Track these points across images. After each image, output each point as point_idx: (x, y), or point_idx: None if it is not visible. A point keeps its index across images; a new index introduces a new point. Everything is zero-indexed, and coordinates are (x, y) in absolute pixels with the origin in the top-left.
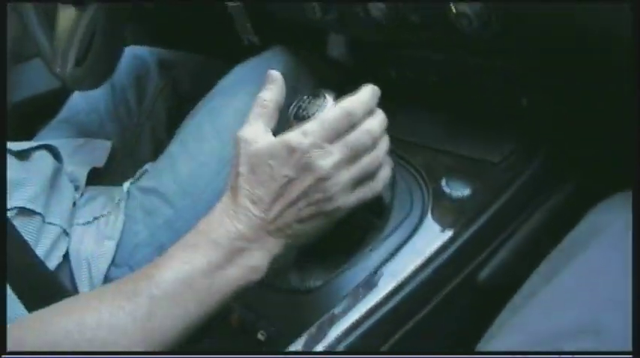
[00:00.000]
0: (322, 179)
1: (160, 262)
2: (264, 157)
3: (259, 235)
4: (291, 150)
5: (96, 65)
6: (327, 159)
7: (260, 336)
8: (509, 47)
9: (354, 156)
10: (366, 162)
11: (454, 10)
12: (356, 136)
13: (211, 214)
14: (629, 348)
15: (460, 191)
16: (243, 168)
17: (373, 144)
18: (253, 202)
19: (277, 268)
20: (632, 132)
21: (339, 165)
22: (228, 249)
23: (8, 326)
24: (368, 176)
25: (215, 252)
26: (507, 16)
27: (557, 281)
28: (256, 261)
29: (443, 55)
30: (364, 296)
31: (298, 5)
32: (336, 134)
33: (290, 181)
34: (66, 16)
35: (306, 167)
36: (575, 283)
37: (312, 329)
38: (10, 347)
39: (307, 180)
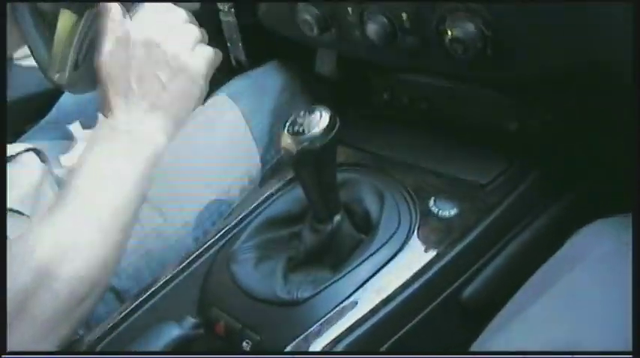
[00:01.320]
0: (158, 42)
1: (72, 175)
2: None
3: (137, 117)
4: (122, 39)
5: (94, 68)
6: (157, 28)
7: (245, 345)
8: (501, 75)
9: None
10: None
11: (449, 35)
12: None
13: None
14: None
15: (447, 211)
16: None
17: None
18: (117, 93)
19: (264, 272)
20: (626, 154)
21: (167, 30)
22: (116, 140)
23: None
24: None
25: (109, 145)
26: (500, 44)
27: (540, 301)
28: (148, 132)
29: (436, 80)
30: (350, 309)
31: (296, 22)
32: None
33: (136, 60)
34: (65, 20)
35: (143, 42)
36: (558, 304)
37: (298, 341)
38: None
39: (144, 50)
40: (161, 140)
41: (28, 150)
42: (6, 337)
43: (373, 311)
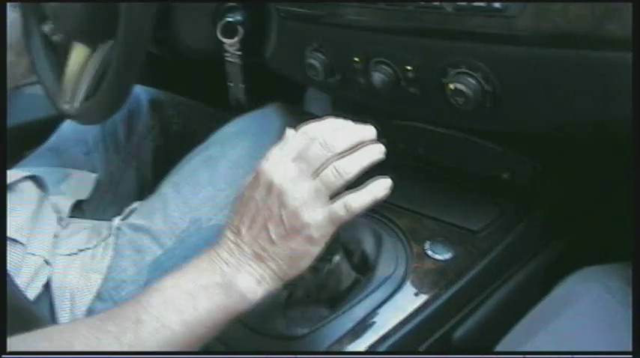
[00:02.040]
0: (279, 192)
1: (149, 289)
2: (243, 189)
3: (239, 260)
4: (256, 174)
5: (104, 101)
6: (283, 173)
7: None
8: (498, 129)
9: (311, 168)
10: (327, 174)
11: (451, 87)
12: (311, 149)
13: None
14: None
15: (442, 254)
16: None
17: (332, 157)
18: (231, 231)
19: (262, 306)
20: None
21: (295, 178)
22: (211, 272)
23: None
24: (331, 189)
25: (199, 276)
26: (499, 100)
27: (528, 346)
28: (241, 285)
29: (432, 127)
30: (346, 346)
31: (302, 66)
32: (297, 153)
33: (253, 200)
34: (78, 52)
35: (266, 185)
36: (547, 348)
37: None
38: None
39: (266, 196)
40: (252, 299)
41: (26, 177)
42: (6, 337)
43: (368, 350)
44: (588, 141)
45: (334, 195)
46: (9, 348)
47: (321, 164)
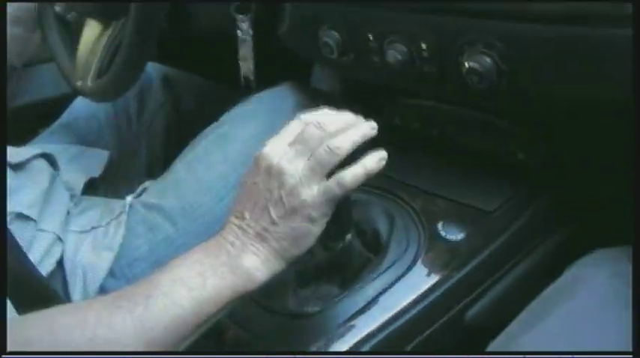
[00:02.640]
0: (278, 173)
1: (159, 269)
2: (244, 176)
3: (243, 241)
4: (256, 159)
5: (118, 78)
6: (281, 154)
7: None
8: (514, 107)
9: (307, 149)
10: (320, 153)
11: (466, 66)
12: (306, 131)
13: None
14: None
15: (455, 235)
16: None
17: (326, 136)
18: (235, 216)
19: (273, 284)
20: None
21: (292, 158)
22: (218, 253)
23: (9, 321)
24: (325, 167)
25: (207, 256)
26: (515, 79)
27: (537, 328)
28: (247, 264)
29: (447, 107)
30: (357, 326)
31: (316, 45)
32: (293, 137)
33: (255, 185)
34: (91, 29)
35: (266, 168)
36: (555, 332)
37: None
38: (11, 342)
39: (266, 179)
40: (258, 278)
41: (37, 155)
42: (6, 337)
43: (380, 329)
44: (603, 121)
45: (331, 174)
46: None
47: (316, 144)
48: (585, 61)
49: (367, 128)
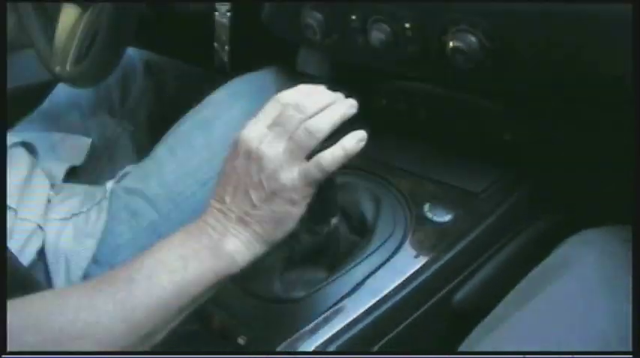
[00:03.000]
0: (257, 156)
1: (141, 253)
2: (224, 161)
3: (225, 225)
4: (235, 143)
5: (96, 63)
6: (260, 138)
7: (240, 341)
8: (499, 86)
9: (286, 132)
10: (298, 135)
11: (451, 45)
12: (284, 113)
13: None
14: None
15: (442, 217)
16: None
17: (305, 118)
18: (216, 200)
19: (259, 269)
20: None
21: (271, 141)
22: (199, 236)
23: None
24: (304, 149)
25: (188, 240)
26: (500, 57)
27: (526, 308)
28: (228, 248)
29: (434, 88)
30: (344, 310)
31: (299, 26)
32: (271, 119)
33: (234, 169)
34: (68, 14)
35: (245, 152)
36: (543, 311)
37: (293, 338)
38: None
39: (245, 163)
40: (240, 261)
41: (16, 143)
42: (6, 337)
43: (366, 313)
44: (591, 100)
45: (312, 155)
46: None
47: (294, 126)
48: (571, 37)
49: (346, 107)
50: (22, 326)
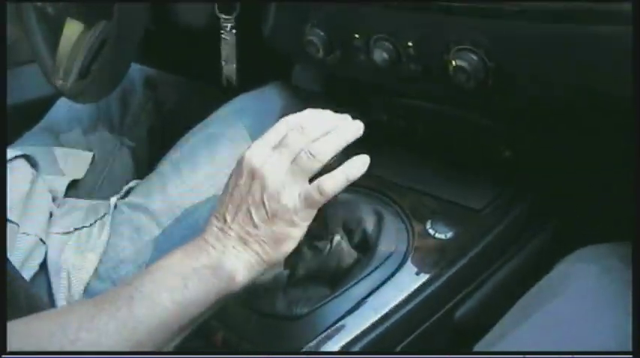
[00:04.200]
0: (261, 177)
1: (140, 272)
2: (228, 179)
3: (224, 244)
4: (239, 162)
5: (100, 80)
6: (264, 159)
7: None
8: (501, 105)
9: (290, 154)
10: (301, 157)
11: (454, 64)
12: (289, 136)
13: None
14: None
15: (443, 233)
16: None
17: (308, 141)
18: (216, 218)
19: (262, 286)
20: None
21: (275, 163)
22: (198, 255)
23: None
24: (307, 172)
25: (188, 258)
26: (502, 76)
27: (525, 325)
28: (228, 267)
29: (434, 105)
30: (347, 327)
31: (301, 43)
32: (277, 141)
33: (237, 187)
34: (72, 28)
35: (248, 172)
36: (543, 328)
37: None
38: None
39: (249, 183)
40: (240, 281)
41: (18, 156)
42: (6, 337)
43: (369, 330)
44: (591, 120)
45: (314, 178)
46: (9, 332)
47: (298, 149)
48: (575, 58)
49: (352, 130)
50: (22, 346)
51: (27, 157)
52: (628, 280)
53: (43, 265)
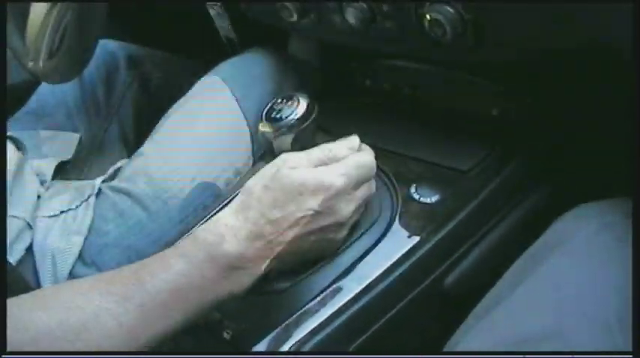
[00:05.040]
0: (341, 223)
1: (153, 267)
2: (295, 185)
3: (259, 256)
4: (323, 188)
5: (68, 58)
6: (350, 206)
7: (225, 335)
8: (482, 60)
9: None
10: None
11: (428, 18)
12: (371, 188)
13: (214, 225)
14: (629, 348)
15: (429, 197)
16: (270, 184)
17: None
18: (268, 222)
19: None
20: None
21: (354, 212)
22: (225, 268)
23: None
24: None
25: (211, 270)
26: (481, 28)
27: (522, 287)
28: (247, 280)
29: (417, 66)
30: (331, 298)
31: (273, 8)
32: (361, 181)
33: (313, 215)
34: (37, 9)
35: (331, 208)
36: (540, 290)
37: (279, 330)
38: None
39: (328, 220)
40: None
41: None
42: (6, 337)
43: (355, 300)
44: (580, 71)
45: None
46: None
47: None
48: (561, 2)
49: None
50: (18, 342)
51: (13, 139)
52: (628, 235)
53: (29, 249)
